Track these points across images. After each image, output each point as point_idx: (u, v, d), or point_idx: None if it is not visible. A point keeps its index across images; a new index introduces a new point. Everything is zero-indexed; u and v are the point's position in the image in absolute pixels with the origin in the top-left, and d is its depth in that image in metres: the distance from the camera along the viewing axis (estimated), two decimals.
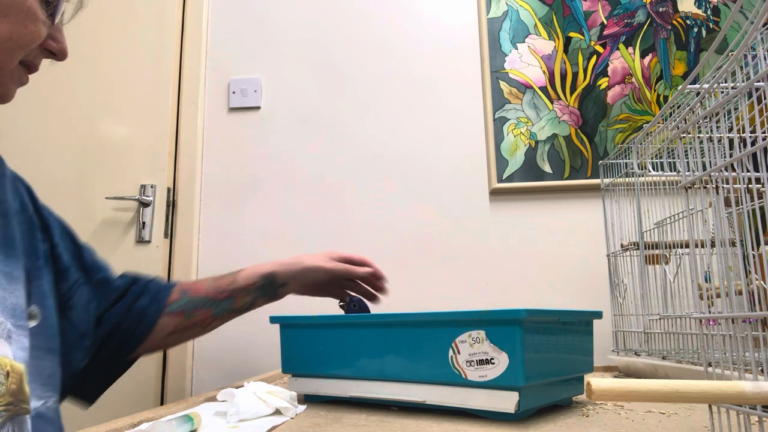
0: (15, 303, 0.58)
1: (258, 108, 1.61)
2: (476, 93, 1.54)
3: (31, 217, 0.67)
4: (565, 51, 1.53)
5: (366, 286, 0.94)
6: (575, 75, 1.51)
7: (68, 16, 0.61)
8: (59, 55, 0.59)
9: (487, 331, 0.58)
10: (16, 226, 0.63)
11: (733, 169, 0.42)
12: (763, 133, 0.40)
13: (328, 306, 1.10)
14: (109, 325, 0.76)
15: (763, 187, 0.38)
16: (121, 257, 1.52)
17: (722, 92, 0.44)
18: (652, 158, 0.96)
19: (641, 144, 0.95)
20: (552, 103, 1.50)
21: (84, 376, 0.75)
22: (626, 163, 1.10)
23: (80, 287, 0.71)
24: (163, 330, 0.81)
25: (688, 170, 0.47)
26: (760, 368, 0.40)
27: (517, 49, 1.54)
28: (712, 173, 0.44)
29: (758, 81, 0.39)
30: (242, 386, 0.66)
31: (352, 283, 0.93)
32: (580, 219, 1.44)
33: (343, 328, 0.72)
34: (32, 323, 0.60)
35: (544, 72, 1.52)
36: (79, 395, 0.77)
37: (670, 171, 0.95)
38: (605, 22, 1.53)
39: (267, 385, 0.66)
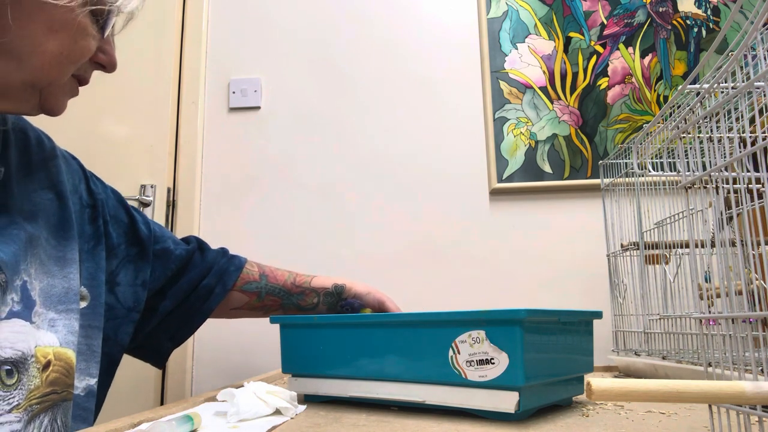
0: (66, 287, 0.59)
1: (258, 108, 1.61)
2: (476, 93, 1.54)
3: (81, 197, 0.68)
4: (565, 51, 1.53)
5: None
6: (575, 75, 1.51)
7: (119, 27, 0.62)
8: (109, 67, 0.60)
9: (487, 331, 0.58)
10: (72, 207, 0.64)
11: (733, 169, 0.42)
12: (763, 133, 0.40)
13: None
14: (173, 301, 0.79)
15: (763, 187, 0.38)
16: None
17: (722, 92, 0.44)
18: (652, 158, 0.96)
19: (641, 144, 0.95)
20: (552, 103, 1.50)
21: (151, 343, 0.80)
22: (626, 163, 1.10)
23: (127, 264, 0.73)
24: (232, 303, 0.87)
25: (688, 170, 0.47)
26: (760, 368, 0.40)
27: (517, 49, 1.54)
28: (712, 173, 0.44)
29: (758, 81, 0.39)
30: (242, 386, 0.66)
31: None
32: (580, 219, 1.44)
33: (343, 328, 0.72)
34: (83, 304, 0.62)
35: (544, 72, 1.52)
36: (148, 360, 0.82)
37: (670, 171, 0.95)
38: (605, 22, 1.54)
39: (267, 385, 0.66)
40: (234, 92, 1.61)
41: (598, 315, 0.72)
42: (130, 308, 0.71)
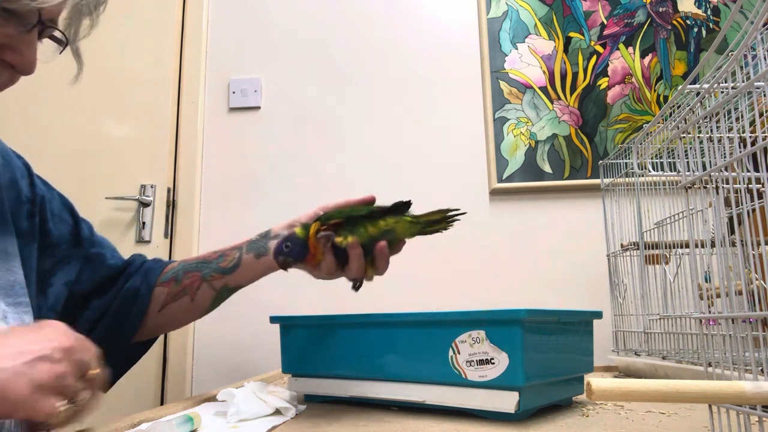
0: (12, 281, 0.57)
1: (258, 108, 1.61)
2: (476, 93, 1.54)
3: (20, 193, 0.65)
4: (565, 51, 1.53)
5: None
6: (575, 75, 1.51)
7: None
8: (18, 68, 0.54)
9: (487, 331, 0.58)
10: (6, 201, 0.62)
11: (733, 169, 0.42)
12: (763, 133, 0.40)
13: (329, 306, 1.10)
14: (98, 312, 0.72)
15: (763, 187, 0.38)
16: None
17: (722, 92, 0.44)
18: (652, 158, 0.96)
19: (641, 144, 0.95)
20: (552, 103, 1.50)
21: None
22: (626, 163, 1.10)
23: (65, 265, 0.69)
24: (157, 303, 0.76)
25: (688, 170, 0.47)
26: (760, 368, 0.40)
27: (517, 49, 1.54)
28: (712, 173, 0.44)
29: (758, 81, 0.39)
30: (242, 386, 0.66)
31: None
32: (580, 219, 1.44)
33: (343, 328, 0.72)
34: None
35: (544, 72, 1.52)
36: None
37: (670, 171, 0.95)
38: (605, 22, 1.53)
39: (267, 385, 0.66)
40: (234, 92, 1.61)
41: (598, 315, 0.72)
42: (50, 308, 0.67)
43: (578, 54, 1.52)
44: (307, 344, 0.75)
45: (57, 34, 0.57)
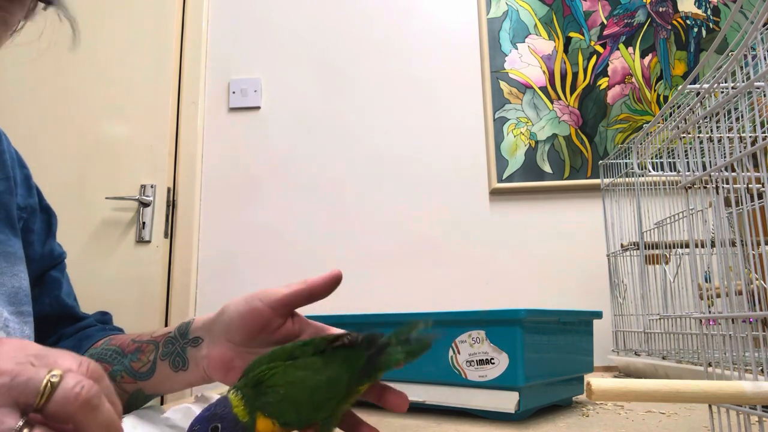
0: (17, 287, 0.54)
1: (258, 108, 1.61)
2: (476, 93, 1.54)
3: (19, 195, 0.61)
4: (565, 51, 1.53)
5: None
6: (575, 75, 1.51)
7: None
8: None
9: (487, 331, 0.58)
10: (13, 204, 0.59)
11: (733, 169, 0.42)
12: (763, 133, 0.40)
13: (329, 306, 1.09)
14: None
15: (763, 187, 0.38)
16: (121, 257, 1.52)
17: (722, 92, 0.44)
18: (652, 158, 0.96)
19: (641, 144, 0.95)
20: (552, 103, 1.50)
21: None
22: (626, 163, 1.10)
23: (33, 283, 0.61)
24: None
25: (688, 170, 0.47)
26: (760, 368, 0.40)
27: (517, 49, 1.54)
28: (712, 173, 0.44)
29: (758, 81, 0.39)
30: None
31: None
32: (580, 219, 1.44)
33: (342, 329, 0.72)
34: None
35: (544, 72, 1.52)
36: None
37: (670, 171, 0.95)
38: (605, 22, 1.53)
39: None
40: (234, 92, 1.61)
41: (598, 315, 0.72)
42: None
43: (578, 54, 1.52)
44: None
45: None
